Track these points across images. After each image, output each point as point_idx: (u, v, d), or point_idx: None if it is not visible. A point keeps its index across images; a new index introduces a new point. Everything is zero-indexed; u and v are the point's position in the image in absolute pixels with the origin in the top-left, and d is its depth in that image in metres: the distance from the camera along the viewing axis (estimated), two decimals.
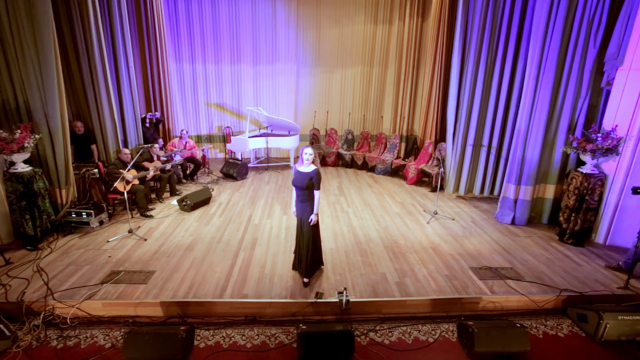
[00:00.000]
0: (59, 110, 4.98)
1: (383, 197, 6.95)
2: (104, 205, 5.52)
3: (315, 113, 9.89)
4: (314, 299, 3.70)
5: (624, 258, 4.40)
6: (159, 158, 6.84)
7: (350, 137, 9.61)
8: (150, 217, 5.79)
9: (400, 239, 5.12)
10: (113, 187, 5.55)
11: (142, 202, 5.78)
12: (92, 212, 5.17)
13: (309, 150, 3.75)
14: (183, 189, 7.07)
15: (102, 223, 5.41)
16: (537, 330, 3.61)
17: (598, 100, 5.26)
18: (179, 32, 9.18)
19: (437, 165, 7.13)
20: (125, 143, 6.83)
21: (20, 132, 4.54)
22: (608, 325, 3.34)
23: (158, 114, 8.40)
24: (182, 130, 7.97)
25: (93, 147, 6.31)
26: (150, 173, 6.15)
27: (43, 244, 4.76)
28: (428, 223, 5.70)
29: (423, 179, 7.84)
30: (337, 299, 3.66)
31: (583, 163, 5.09)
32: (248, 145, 8.45)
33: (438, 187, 6.28)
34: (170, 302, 3.66)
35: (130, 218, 5.51)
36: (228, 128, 9.56)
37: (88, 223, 5.17)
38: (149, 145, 6.78)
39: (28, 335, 3.33)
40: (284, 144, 8.87)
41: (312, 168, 3.77)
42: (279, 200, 6.65)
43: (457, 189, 6.77)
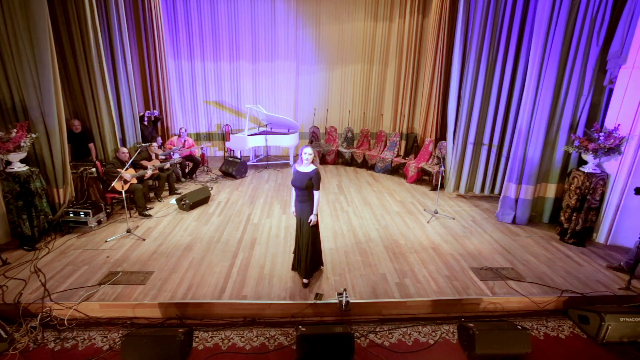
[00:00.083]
0: (56, 109, 4.92)
1: (383, 195, 6.91)
2: (102, 205, 5.49)
3: (315, 111, 9.83)
4: (314, 300, 3.67)
5: (626, 258, 4.38)
6: (158, 157, 6.79)
7: (350, 135, 9.56)
8: (149, 216, 5.75)
9: (401, 239, 5.09)
10: (111, 186, 5.49)
11: (140, 201, 5.74)
12: (90, 211, 5.13)
13: (309, 150, 3.72)
14: (182, 188, 7.03)
15: (100, 223, 5.37)
16: (538, 332, 3.58)
17: (600, 99, 5.21)
18: (177, 28, 9.09)
19: (437, 164, 7.09)
20: (123, 141, 6.77)
21: (17, 131, 4.49)
22: (610, 327, 3.32)
23: (156, 112, 8.35)
24: (180, 129, 7.93)
25: (91, 145, 6.26)
26: (149, 172, 6.10)
27: (40, 244, 4.72)
28: (428, 222, 5.67)
29: (423, 178, 7.80)
30: (336, 300, 3.63)
31: (585, 162, 5.05)
32: (247, 144, 8.40)
33: (438, 185, 6.25)
34: (169, 303, 3.64)
35: (129, 217, 5.48)
36: (227, 126, 9.53)
37: (86, 223, 5.13)
38: (147, 144, 6.74)
39: (25, 337, 3.30)
40: (284, 142, 8.84)
41: (311, 168, 3.73)
42: (279, 199, 6.62)
43: (457, 188, 6.73)
